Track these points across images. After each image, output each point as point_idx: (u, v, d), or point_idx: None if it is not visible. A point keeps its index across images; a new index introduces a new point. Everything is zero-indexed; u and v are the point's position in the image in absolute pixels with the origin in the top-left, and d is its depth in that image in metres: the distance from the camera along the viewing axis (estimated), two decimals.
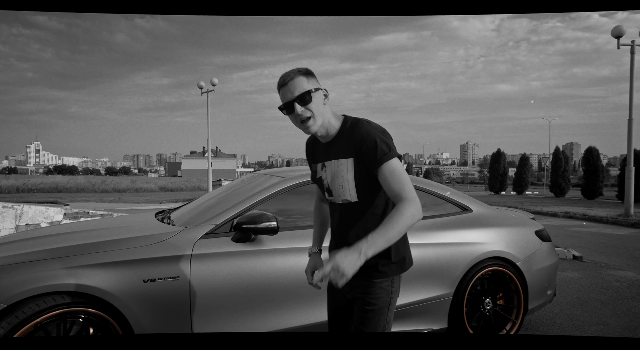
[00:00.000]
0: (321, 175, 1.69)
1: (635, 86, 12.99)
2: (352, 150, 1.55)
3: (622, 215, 12.35)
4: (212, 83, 19.67)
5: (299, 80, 1.53)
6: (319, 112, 1.54)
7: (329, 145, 1.63)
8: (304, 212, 2.73)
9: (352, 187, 1.56)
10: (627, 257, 6.63)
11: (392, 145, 1.55)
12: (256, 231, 2.31)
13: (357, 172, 1.55)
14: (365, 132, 1.53)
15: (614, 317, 3.75)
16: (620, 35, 12.60)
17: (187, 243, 2.29)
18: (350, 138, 1.56)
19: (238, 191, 2.96)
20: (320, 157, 1.69)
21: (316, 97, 1.54)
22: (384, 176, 1.50)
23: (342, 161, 1.57)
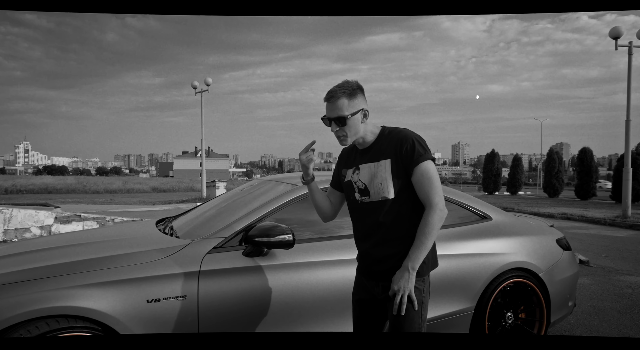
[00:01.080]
0: (351, 178, 1.83)
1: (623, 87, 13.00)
2: (391, 152, 1.73)
3: (619, 217, 12.34)
4: (206, 83, 19.41)
5: (340, 103, 1.70)
6: (352, 133, 1.74)
7: (366, 151, 1.81)
8: (317, 222, 2.55)
9: (390, 184, 1.72)
10: (632, 261, 6.54)
11: (428, 148, 1.75)
12: (270, 245, 2.13)
13: (395, 171, 1.72)
14: (404, 136, 1.74)
15: (634, 327, 3.62)
16: (618, 36, 12.59)
17: (194, 258, 2.10)
18: (389, 142, 1.75)
19: (244, 200, 2.78)
20: (355, 162, 1.84)
21: (352, 121, 1.72)
22: (417, 177, 1.70)
23: (381, 162, 1.75)
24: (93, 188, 32.80)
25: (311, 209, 2.56)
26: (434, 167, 1.72)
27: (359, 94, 1.74)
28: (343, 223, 2.57)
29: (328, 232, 2.49)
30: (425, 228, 1.67)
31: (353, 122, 1.71)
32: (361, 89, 1.75)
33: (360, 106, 1.73)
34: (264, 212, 2.37)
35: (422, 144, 1.72)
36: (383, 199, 1.74)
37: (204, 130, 20.22)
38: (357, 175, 1.81)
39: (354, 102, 1.71)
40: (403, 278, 1.67)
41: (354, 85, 1.73)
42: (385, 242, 1.75)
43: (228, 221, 2.35)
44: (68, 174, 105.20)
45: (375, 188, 1.75)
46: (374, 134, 1.79)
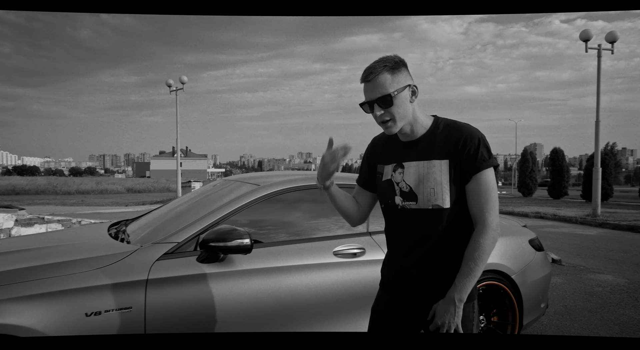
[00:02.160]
0: (392, 177, 1.50)
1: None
2: (449, 151, 1.42)
3: (590, 215, 12.62)
4: (181, 81, 18.99)
5: (382, 79, 1.38)
6: (400, 115, 1.41)
7: (413, 144, 1.47)
8: (280, 224, 2.40)
9: (445, 191, 1.42)
10: (602, 259, 6.63)
11: (491, 153, 1.45)
12: (226, 250, 1.97)
13: (452, 175, 1.42)
14: (468, 133, 1.42)
15: (604, 327, 3.61)
16: (588, 39, 12.87)
17: (142, 266, 1.92)
18: (448, 138, 1.43)
19: (205, 201, 2.60)
20: (396, 157, 1.51)
21: (399, 99, 1.40)
22: (474, 186, 1.41)
23: (435, 162, 1.43)
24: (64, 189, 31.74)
25: (273, 210, 2.41)
26: (494, 177, 1.42)
27: (403, 68, 1.42)
28: (306, 226, 2.43)
29: (292, 236, 2.35)
30: (475, 252, 1.37)
31: (401, 101, 1.39)
32: (404, 63, 1.43)
33: (407, 82, 1.41)
34: (222, 214, 2.21)
35: (488, 147, 1.42)
36: (435, 207, 1.42)
37: (180, 129, 19.81)
38: (401, 174, 1.48)
39: (398, 76, 1.39)
40: (449, 312, 1.38)
41: (396, 58, 1.41)
42: (431, 260, 1.44)
43: (182, 224, 2.18)
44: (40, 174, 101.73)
45: (426, 193, 1.43)
46: (424, 123, 1.46)
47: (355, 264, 2.32)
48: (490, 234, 1.39)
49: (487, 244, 1.38)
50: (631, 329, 3.57)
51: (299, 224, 2.41)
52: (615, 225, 10.83)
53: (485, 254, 1.38)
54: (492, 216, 1.40)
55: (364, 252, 2.37)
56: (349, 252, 2.34)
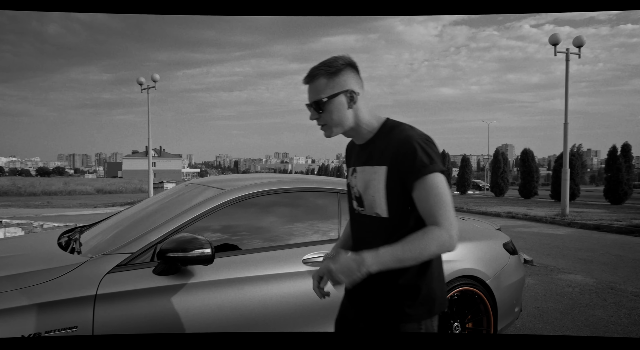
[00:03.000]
0: (350, 181, 1.48)
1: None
2: (387, 158, 1.33)
3: (559, 215, 12.94)
4: (153, 79, 18.48)
5: (318, 83, 1.33)
6: (334, 122, 1.35)
7: (364, 148, 1.42)
8: (247, 231, 2.26)
9: (382, 200, 1.33)
10: (571, 258, 6.75)
11: (436, 157, 1.30)
12: (185, 261, 1.82)
13: (390, 183, 1.32)
14: (405, 137, 1.31)
15: (575, 328, 3.62)
16: (556, 43, 13.20)
17: (90, 280, 1.75)
18: (388, 143, 1.35)
19: (165, 207, 2.44)
20: (354, 161, 1.48)
21: (332, 105, 1.33)
22: (418, 194, 1.28)
23: (376, 169, 1.36)
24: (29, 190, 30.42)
25: (240, 216, 2.27)
26: (443, 181, 1.27)
27: (346, 71, 1.34)
28: (275, 233, 2.30)
29: (259, 243, 2.21)
30: (416, 239, 1.21)
31: (333, 107, 1.33)
32: (352, 65, 1.35)
33: (345, 86, 1.33)
34: (182, 221, 2.05)
35: (428, 151, 1.28)
36: (376, 215, 1.36)
37: (154, 129, 19.27)
38: (355, 179, 1.44)
39: (335, 81, 1.32)
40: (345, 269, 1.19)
41: (340, 60, 1.34)
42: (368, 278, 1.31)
43: (138, 233, 2.01)
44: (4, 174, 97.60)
45: (368, 200, 1.37)
46: (371, 127, 1.38)
47: None
48: (444, 235, 1.22)
49: (433, 239, 1.21)
50: (600, 330, 3.60)
51: (266, 231, 2.28)
52: (582, 224, 11.13)
53: (427, 242, 1.21)
54: (446, 216, 1.24)
55: None
56: (320, 260, 2.22)
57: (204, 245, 1.82)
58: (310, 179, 2.74)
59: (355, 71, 1.37)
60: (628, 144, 20.28)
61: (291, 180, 2.56)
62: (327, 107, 1.33)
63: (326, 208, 2.47)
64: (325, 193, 2.52)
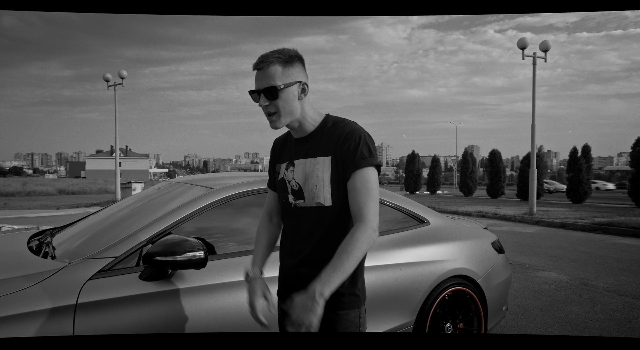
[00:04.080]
0: (284, 176, 1.48)
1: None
2: (332, 148, 1.39)
3: (527, 214, 13.36)
4: (121, 76, 17.84)
5: (273, 70, 1.34)
6: (286, 111, 1.37)
7: (303, 142, 1.45)
8: (235, 232, 2.15)
9: (327, 189, 1.39)
10: (543, 256, 6.94)
11: (374, 152, 1.41)
12: (175, 265, 1.69)
13: (334, 172, 1.39)
14: (350, 130, 1.39)
15: (557, 325, 3.69)
16: (524, 47, 13.63)
17: (69, 287, 1.59)
18: (332, 135, 1.41)
19: (148, 206, 2.29)
20: (289, 155, 1.49)
21: (286, 93, 1.36)
22: (353, 184, 1.36)
23: (319, 160, 1.41)
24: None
25: (228, 216, 2.16)
26: (375, 176, 1.37)
27: (298, 63, 1.38)
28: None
29: (249, 246, 2.09)
30: (348, 246, 1.27)
31: (287, 96, 1.35)
32: (301, 59, 1.40)
33: (298, 77, 1.38)
34: (170, 222, 1.92)
35: (369, 146, 1.38)
36: (318, 205, 1.40)
37: (120, 127, 18.59)
38: (292, 172, 1.45)
39: (290, 71, 1.36)
40: (305, 307, 1.19)
41: (292, 52, 1.38)
42: (315, 260, 1.38)
43: (121, 235, 1.86)
44: None
45: (310, 191, 1.40)
46: (314, 121, 1.44)
47: None
48: (369, 232, 1.30)
49: (363, 239, 1.28)
50: (580, 326, 3.68)
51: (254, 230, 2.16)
52: (549, 222, 11.52)
53: (359, 250, 1.27)
54: (372, 215, 1.32)
55: None
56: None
57: (196, 248, 1.70)
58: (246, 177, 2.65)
59: (304, 65, 1.41)
60: (588, 145, 21.19)
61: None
62: (281, 94, 1.34)
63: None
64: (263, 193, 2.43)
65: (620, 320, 3.81)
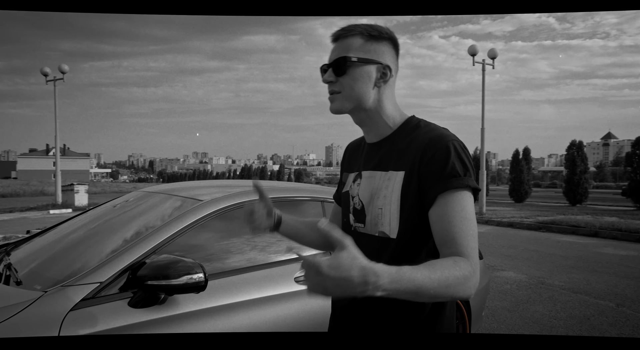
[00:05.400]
0: (350, 189, 1.16)
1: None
2: (409, 161, 1.02)
3: (477, 213, 13.96)
4: (61, 70, 16.62)
5: (351, 41, 1.05)
6: (352, 92, 1.05)
7: (377, 147, 1.11)
8: (230, 248, 2.00)
9: (393, 215, 1.02)
10: (499, 255, 7.24)
11: (472, 170, 1.00)
12: (171, 290, 1.52)
13: (405, 193, 1.01)
14: (437, 136, 1.02)
15: (526, 326, 3.82)
16: (474, 54, 14.25)
17: (48, 321, 1.38)
18: (411, 143, 1.04)
19: (125, 221, 2.08)
20: (359, 163, 1.16)
21: (357, 71, 1.05)
22: (440, 210, 0.95)
23: (391, 174, 1.05)
24: None
25: (222, 231, 2.00)
26: (472, 203, 0.98)
27: (387, 43, 1.07)
28: (257, 250, 2.06)
29: (245, 262, 1.95)
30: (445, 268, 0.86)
31: (358, 74, 1.05)
32: (394, 39, 1.09)
33: (381, 58, 1.06)
34: (159, 240, 1.73)
35: (464, 159, 0.99)
36: (381, 235, 1.05)
37: (58, 125, 17.30)
38: (358, 186, 1.13)
39: (372, 46, 1.06)
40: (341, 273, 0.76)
41: (384, 29, 1.07)
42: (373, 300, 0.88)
43: (99, 255, 1.66)
44: None
45: (374, 214, 1.07)
46: (392, 120, 1.10)
47: None
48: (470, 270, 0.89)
49: (464, 271, 0.87)
50: (547, 325, 3.84)
51: (252, 247, 2.03)
52: (498, 222, 12.11)
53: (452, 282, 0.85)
54: (472, 248, 0.93)
55: None
56: None
57: (194, 269, 1.54)
58: (290, 187, 2.53)
59: (397, 50, 1.10)
60: (528, 148, 22.57)
61: (271, 189, 2.33)
62: (352, 70, 1.05)
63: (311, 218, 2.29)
64: (309, 201, 2.33)
65: (580, 318, 4.03)
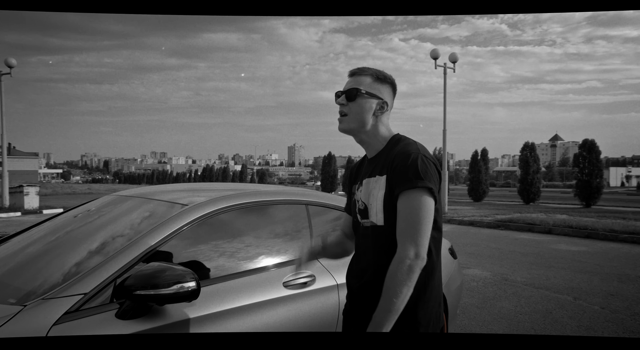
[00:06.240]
0: (356, 196, 1.50)
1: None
2: (387, 167, 1.38)
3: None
4: (8, 64, 15.62)
5: (363, 79, 1.44)
6: (357, 117, 1.43)
7: (372, 161, 1.48)
8: (215, 254, 1.94)
9: (379, 208, 1.37)
10: (463, 254, 7.48)
11: (429, 175, 1.33)
12: (162, 299, 1.46)
13: (388, 191, 1.37)
14: (406, 149, 1.37)
15: (494, 322, 3.97)
16: (437, 57, 14.68)
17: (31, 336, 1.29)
18: (389, 153, 1.41)
19: (102, 227, 1.97)
20: (361, 175, 1.52)
21: (363, 101, 1.43)
22: (400, 206, 1.32)
23: (378, 178, 1.41)
24: None
25: (206, 237, 1.94)
26: (428, 200, 1.30)
27: (388, 86, 1.47)
28: (247, 253, 2.02)
29: (233, 267, 1.91)
30: (390, 283, 1.25)
31: (363, 104, 1.42)
32: (394, 85, 1.49)
33: (382, 95, 1.45)
34: (144, 248, 1.65)
35: (422, 167, 1.32)
36: (372, 225, 1.41)
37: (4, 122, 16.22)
38: (360, 192, 1.48)
39: (377, 86, 1.45)
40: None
41: (388, 76, 1.47)
42: (371, 285, 1.37)
43: (83, 265, 1.56)
44: None
45: (370, 210, 1.42)
46: (384, 138, 1.46)
47: (306, 295, 2.00)
48: (405, 262, 1.25)
49: (399, 273, 1.25)
50: (513, 320, 4.01)
51: (238, 252, 1.98)
52: (460, 220, 12.53)
53: (399, 285, 1.24)
54: (410, 242, 1.27)
55: (314, 281, 2.06)
56: (299, 282, 2.01)
57: (184, 277, 1.48)
58: (275, 190, 2.50)
59: (394, 91, 1.50)
60: (486, 149, 23.52)
61: (255, 192, 2.28)
62: (359, 99, 1.42)
63: (297, 221, 2.27)
64: (293, 205, 2.30)
65: (543, 312, 4.24)
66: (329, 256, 1.67)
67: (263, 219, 2.18)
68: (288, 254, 2.08)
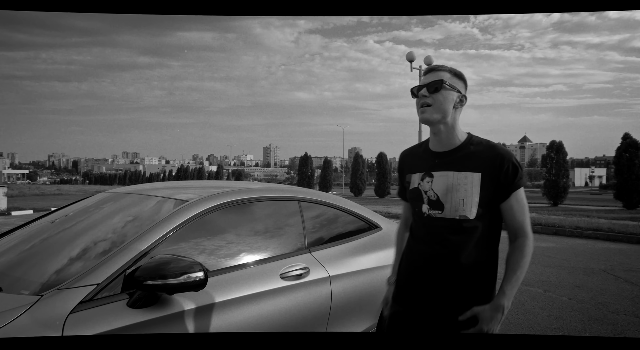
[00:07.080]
0: (419, 185, 1.57)
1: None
2: (484, 167, 1.49)
3: None
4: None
5: (442, 74, 1.52)
6: (441, 107, 1.50)
7: (445, 155, 1.55)
8: (214, 248, 2.03)
9: (474, 203, 1.48)
10: None
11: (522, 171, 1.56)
12: (172, 289, 1.55)
13: (483, 189, 1.49)
14: (506, 153, 1.52)
15: None
16: (412, 60, 15.05)
17: (49, 325, 1.36)
18: (481, 154, 1.51)
19: (108, 222, 2.03)
20: (425, 166, 1.58)
21: (447, 92, 1.51)
22: (512, 203, 1.51)
23: (467, 174, 1.49)
24: None
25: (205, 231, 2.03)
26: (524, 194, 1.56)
27: (463, 81, 1.56)
28: (244, 246, 2.12)
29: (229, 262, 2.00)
30: (521, 260, 1.50)
31: (447, 95, 1.50)
32: (466, 82, 1.58)
33: (461, 89, 1.55)
34: (151, 241, 1.73)
35: (521, 167, 1.53)
36: (461, 218, 1.49)
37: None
38: (429, 183, 1.54)
39: (456, 81, 1.54)
40: (495, 319, 1.44)
41: (462, 73, 1.57)
42: (451, 269, 1.50)
43: (94, 258, 1.64)
44: None
45: (454, 203, 1.49)
46: (460, 135, 1.55)
47: (301, 286, 2.12)
48: (532, 245, 1.53)
49: (529, 252, 1.52)
50: None
51: (236, 246, 2.08)
52: None
53: (528, 263, 1.51)
54: (530, 229, 1.55)
55: (308, 272, 2.18)
56: (294, 274, 2.12)
57: (191, 268, 1.58)
58: (266, 187, 2.60)
59: (466, 86, 1.59)
60: None
61: (250, 189, 2.38)
62: (443, 90, 1.49)
63: (290, 217, 2.38)
64: (286, 201, 2.42)
65: (516, 304, 4.47)
66: None
67: (259, 215, 2.29)
68: (283, 248, 2.20)
